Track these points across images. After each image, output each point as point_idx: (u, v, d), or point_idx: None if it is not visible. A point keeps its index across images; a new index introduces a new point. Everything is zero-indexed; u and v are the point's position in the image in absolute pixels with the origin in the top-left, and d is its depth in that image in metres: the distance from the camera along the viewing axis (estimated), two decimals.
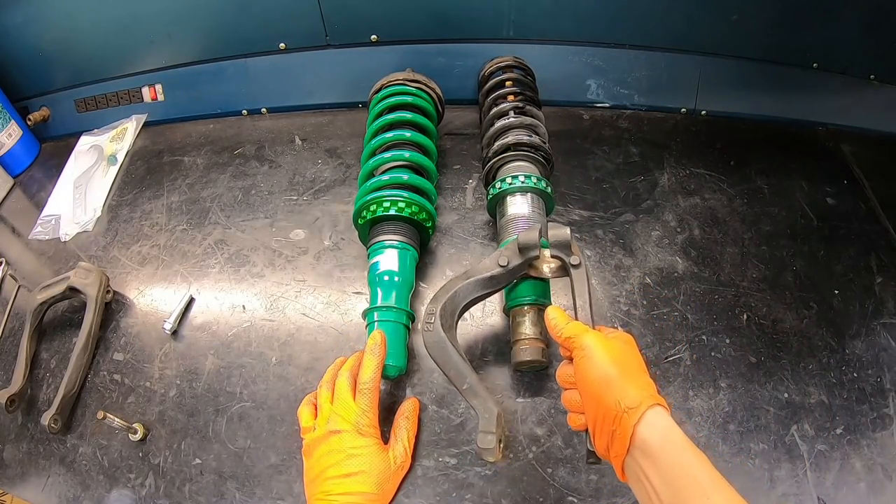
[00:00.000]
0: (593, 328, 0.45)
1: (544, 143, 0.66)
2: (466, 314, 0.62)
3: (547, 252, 0.52)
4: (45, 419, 0.57)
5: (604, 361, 0.41)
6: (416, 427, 0.54)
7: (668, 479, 0.36)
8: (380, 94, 0.72)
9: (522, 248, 0.51)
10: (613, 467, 0.41)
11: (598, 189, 0.72)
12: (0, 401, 0.59)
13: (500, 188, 0.62)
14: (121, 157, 0.86)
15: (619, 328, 0.49)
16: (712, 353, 0.58)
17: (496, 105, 0.69)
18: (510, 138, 0.65)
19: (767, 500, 0.51)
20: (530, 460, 0.53)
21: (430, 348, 0.49)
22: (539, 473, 0.52)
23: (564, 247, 0.50)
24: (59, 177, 0.87)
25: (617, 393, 0.39)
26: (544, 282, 0.57)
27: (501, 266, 0.52)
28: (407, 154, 0.65)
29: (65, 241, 0.78)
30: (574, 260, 0.50)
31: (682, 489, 0.35)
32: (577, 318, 0.47)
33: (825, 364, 0.58)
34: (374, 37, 0.80)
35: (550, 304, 0.57)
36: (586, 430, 0.44)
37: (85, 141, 0.91)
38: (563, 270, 0.51)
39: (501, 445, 0.45)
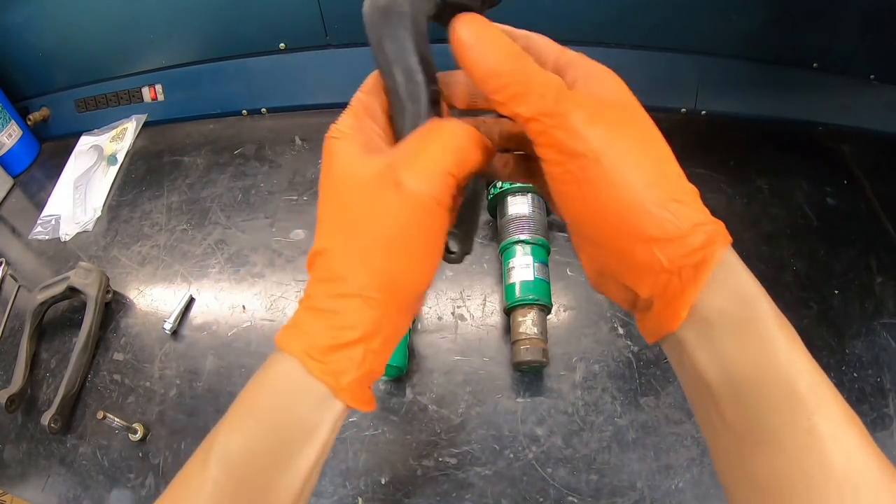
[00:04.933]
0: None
1: None
2: (466, 314, 0.63)
3: None
4: (45, 419, 0.57)
5: (630, 169, 0.21)
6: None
7: (740, 383, 0.21)
8: None
9: None
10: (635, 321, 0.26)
11: None
12: (0, 401, 0.59)
13: (500, 188, 0.62)
14: (121, 157, 0.86)
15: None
16: None
17: None
18: None
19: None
20: (530, 460, 0.53)
21: (370, 17, 0.26)
22: (539, 473, 0.52)
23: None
24: (59, 177, 0.87)
25: (657, 238, 0.21)
26: (545, 281, 0.57)
27: None
28: None
29: (65, 241, 0.78)
30: None
31: (764, 403, 0.21)
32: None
33: (825, 364, 0.58)
34: None
35: (551, 304, 0.57)
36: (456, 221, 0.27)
37: (85, 141, 0.91)
38: None
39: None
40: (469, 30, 0.22)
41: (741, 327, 0.21)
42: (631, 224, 0.21)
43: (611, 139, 0.21)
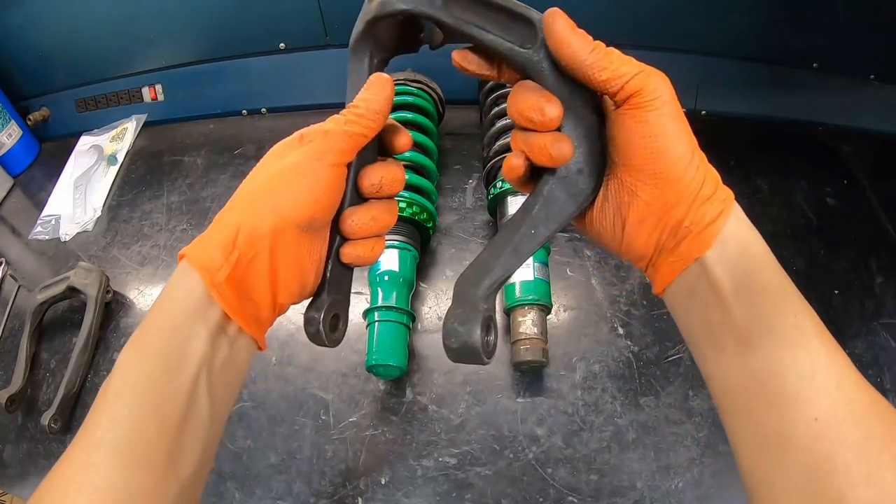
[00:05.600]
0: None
1: None
2: None
3: None
4: (45, 419, 0.57)
5: (686, 127, 0.28)
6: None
7: (747, 284, 0.27)
8: None
9: None
10: (649, 276, 0.31)
11: None
12: (0, 401, 0.59)
13: (500, 188, 0.62)
14: (121, 157, 0.86)
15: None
16: None
17: (497, 105, 0.69)
18: (511, 138, 0.65)
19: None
20: (530, 460, 0.53)
21: None
22: (539, 473, 0.52)
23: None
24: (59, 177, 0.87)
25: (701, 174, 0.28)
26: (545, 281, 0.57)
27: None
28: (408, 154, 0.65)
29: (65, 241, 0.78)
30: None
31: (762, 300, 0.27)
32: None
33: None
34: None
35: (551, 304, 0.57)
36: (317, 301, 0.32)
37: (85, 141, 0.91)
38: None
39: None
40: (566, 28, 0.29)
41: (748, 246, 0.28)
42: (692, 165, 0.28)
43: (678, 104, 0.28)
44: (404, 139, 0.33)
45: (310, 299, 0.33)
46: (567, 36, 0.28)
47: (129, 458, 0.25)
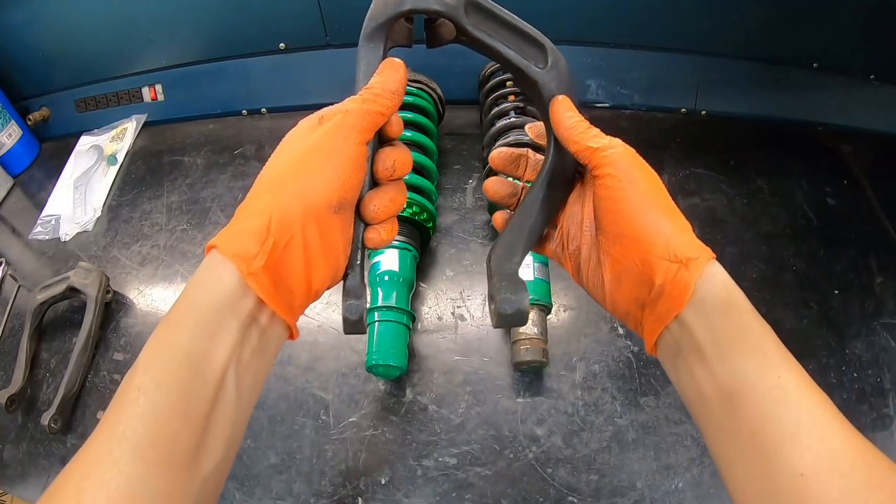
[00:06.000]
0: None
1: None
2: (466, 314, 0.63)
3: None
4: (45, 419, 0.57)
5: (651, 191, 0.31)
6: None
7: (727, 347, 0.28)
8: None
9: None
10: (642, 335, 0.33)
11: None
12: (0, 401, 0.59)
13: None
14: (121, 157, 0.86)
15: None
16: None
17: (497, 105, 0.69)
18: (511, 138, 0.65)
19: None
20: (530, 460, 0.53)
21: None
22: (539, 473, 0.52)
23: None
24: (59, 177, 0.87)
25: (669, 237, 0.30)
26: (545, 281, 0.57)
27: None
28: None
29: (65, 241, 0.78)
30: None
31: (743, 362, 0.27)
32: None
33: (825, 364, 0.58)
34: None
35: (551, 304, 0.57)
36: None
37: (85, 141, 0.91)
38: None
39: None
40: (562, 108, 0.34)
41: (727, 306, 0.28)
42: (655, 226, 0.30)
43: (642, 171, 0.32)
44: (396, 124, 0.34)
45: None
46: (561, 114, 0.33)
47: (150, 455, 0.24)
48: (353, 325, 0.33)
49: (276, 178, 0.29)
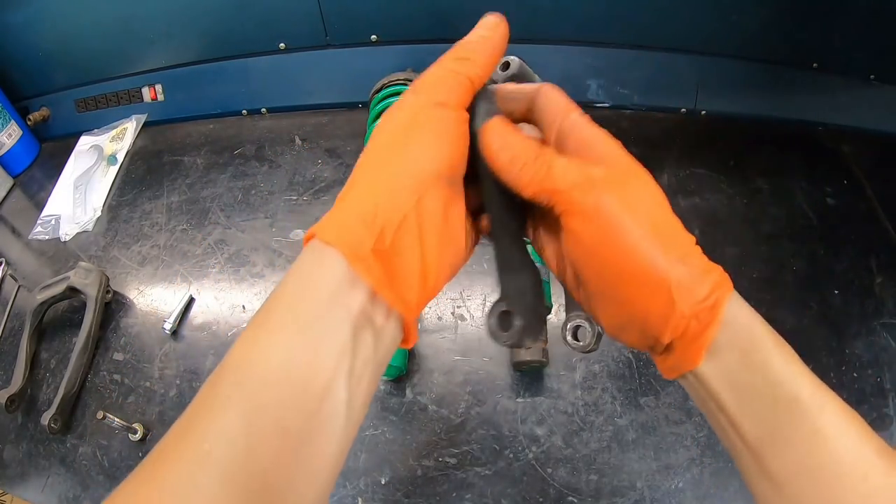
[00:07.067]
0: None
1: None
2: (466, 314, 0.63)
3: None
4: (45, 419, 0.57)
5: (643, 233, 0.24)
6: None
7: (753, 404, 0.24)
8: (380, 94, 0.72)
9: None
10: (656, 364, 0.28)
11: None
12: (0, 401, 0.59)
13: None
14: (121, 157, 0.86)
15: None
16: None
17: None
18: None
19: None
20: (530, 460, 0.53)
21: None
22: (539, 473, 0.52)
23: (522, 79, 0.34)
24: (59, 177, 0.87)
25: (674, 288, 0.24)
26: (545, 281, 0.57)
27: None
28: None
29: (65, 241, 0.78)
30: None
31: (773, 417, 0.24)
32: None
33: (825, 364, 0.58)
34: (374, 37, 0.80)
35: (551, 304, 0.57)
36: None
37: (85, 141, 0.91)
38: None
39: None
40: (495, 136, 0.27)
41: (747, 355, 0.24)
42: (650, 280, 0.24)
43: (619, 204, 0.24)
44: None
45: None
46: (494, 151, 0.26)
47: (240, 485, 0.20)
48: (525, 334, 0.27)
49: (375, 157, 0.26)
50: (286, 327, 0.22)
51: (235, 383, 0.22)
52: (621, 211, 0.24)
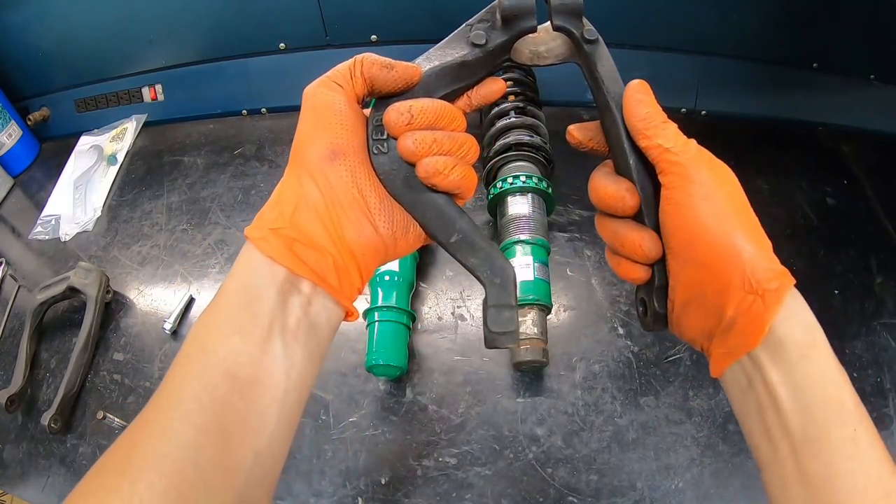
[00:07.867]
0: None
1: (545, 143, 0.66)
2: (466, 314, 0.63)
3: (545, 25, 0.34)
4: (45, 419, 0.57)
5: (729, 205, 0.28)
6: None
7: (805, 396, 0.26)
8: None
9: (508, 15, 0.33)
10: (708, 358, 0.30)
11: None
12: (0, 401, 0.59)
13: (500, 188, 0.62)
14: (121, 157, 0.86)
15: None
16: None
17: (497, 105, 0.69)
18: (511, 138, 0.65)
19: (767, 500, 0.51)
20: (530, 460, 0.53)
21: (388, 181, 0.30)
22: (539, 473, 0.52)
23: (572, 15, 0.33)
24: (59, 177, 0.87)
25: (746, 261, 0.27)
26: (545, 281, 0.57)
27: (477, 45, 0.34)
28: None
29: (65, 241, 0.78)
30: (589, 34, 0.34)
31: (822, 413, 0.26)
32: (610, 125, 0.33)
33: None
34: (374, 37, 0.80)
35: (551, 304, 0.57)
36: (648, 283, 0.32)
37: (85, 141, 0.91)
38: (570, 51, 0.36)
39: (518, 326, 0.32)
40: (637, 93, 0.33)
41: (807, 351, 0.26)
42: (731, 248, 0.27)
43: (719, 179, 0.29)
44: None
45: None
46: (635, 103, 0.32)
47: (201, 421, 0.24)
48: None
49: (293, 147, 0.30)
50: (229, 296, 0.27)
51: (195, 342, 0.27)
52: (711, 180, 0.28)
